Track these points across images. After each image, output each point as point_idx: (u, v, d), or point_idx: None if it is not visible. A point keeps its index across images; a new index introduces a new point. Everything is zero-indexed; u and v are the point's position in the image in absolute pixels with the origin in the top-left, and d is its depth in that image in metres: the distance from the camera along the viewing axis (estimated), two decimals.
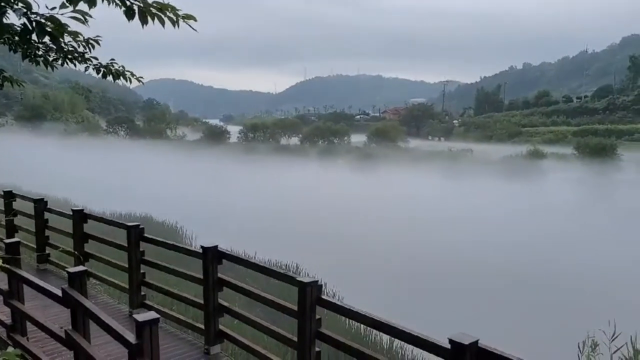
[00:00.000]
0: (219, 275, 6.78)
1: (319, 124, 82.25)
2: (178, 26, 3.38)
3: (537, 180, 41.71)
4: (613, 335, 7.26)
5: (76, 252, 9.25)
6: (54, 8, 3.26)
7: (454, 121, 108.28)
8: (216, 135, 72.09)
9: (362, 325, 9.92)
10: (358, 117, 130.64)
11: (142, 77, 5.44)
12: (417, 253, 19.99)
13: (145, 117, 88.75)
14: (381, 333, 8.92)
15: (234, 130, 77.41)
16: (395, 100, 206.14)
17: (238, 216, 26.10)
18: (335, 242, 21.46)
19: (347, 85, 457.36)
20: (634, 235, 23.57)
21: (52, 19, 3.30)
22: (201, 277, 6.88)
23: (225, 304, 6.93)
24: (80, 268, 5.45)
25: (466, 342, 3.79)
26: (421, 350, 4.45)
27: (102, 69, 5.13)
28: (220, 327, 6.94)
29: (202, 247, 6.81)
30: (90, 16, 3.32)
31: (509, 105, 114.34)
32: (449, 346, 3.91)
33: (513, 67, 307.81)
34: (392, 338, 9.52)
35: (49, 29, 3.32)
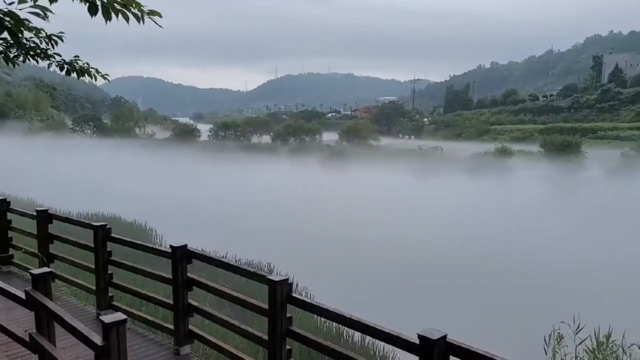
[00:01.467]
0: (189, 274, 6.71)
1: (290, 122, 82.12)
2: (143, 22, 3.32)
3: (504, 178, 42.53)
4: (577, 328, 7.47)
5: (40, 254, 9.03)
6: (12, 3, 3.17)
7: (424, 119, 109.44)
8: (186, 134, 71.29)
9: (334, 323, 9.95)
10: (330, 115, 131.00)
11: (108, 75, 5.34)
12: (388, 250, 20.17)
13: (113, 115, 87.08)
14: (353, 330, 9.04)
15: (204, 128, 76.72)
16: (366, 99, 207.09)
17: (209, 215, 25.88)
18: (308, 241, 21.47)
19: (318, 83, 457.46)
20: (596, 230, 24.27)
21: (10, 14, 3.21)
22: (170, 276, 6.80)
23: (195, 303, 6.87)
24: (45, 269, 5.32)
25: (435, 337, 3.84)
26: (393, 347, 4.49)
27: (65, 66, 5.01)
28: (190, 327, 6.87)
29: (171, 246, 6.73)
30: (51, 12, 3.24)
31: (477, 104, 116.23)
32: (418, 342, 3.95)
33: (481, 66, 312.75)
34: (364, 335, 9.63)
35: (8, 24, 3.22)
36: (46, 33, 4.41)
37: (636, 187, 36.53)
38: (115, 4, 3.21)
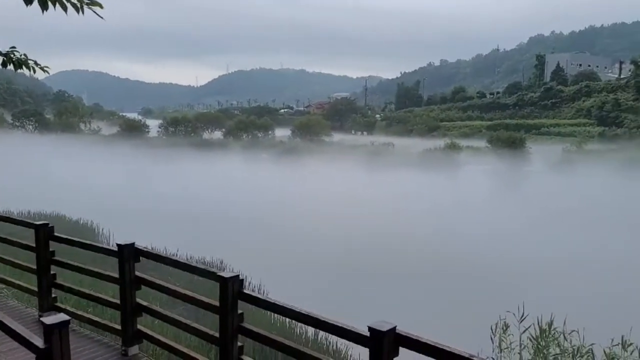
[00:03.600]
0: (137, 273, 6.55)
1: (242, 117, 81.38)
2: (82, 12, 3.19)
3: (453, 172, 43.65)
4: (521, 317, 7.76)
5: None
6: None
7: (376, 116, 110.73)
8: (134, 129, 69.48)
9: (287, 319, 9.96)
10: (282, 111, 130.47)
11: (48, 67, 5.11)
12: (340, 244, 20.32)
13: (56, 110, 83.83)
14: (307, 325, 9.07)
15: (153, 124, 74.97)
16: (319, 95, 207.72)
17: (160, 213, 25.34)
18: (261, 237, 21.39)
19: (270, 79, 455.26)
20: (540, 221, 25.28)
21: None
22: (117, 276, 6.62)
23: (144, 303, 6.71)
24: None
25: (384, 329, 3.90)
26: (346, 341, 4.53)
27: (1, 57, 4.77)
28: (139, 327, 6.71)
29: (117, 244, 6.56)
30: None
31: (427, 101, 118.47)
32: (368, 334, 4.00)
33: (431, 63, 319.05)
34: (317, 330, 9.68)
35: None
36: None
37: (576, 181, 38.34)
38: None
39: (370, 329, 3.98)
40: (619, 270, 17.10)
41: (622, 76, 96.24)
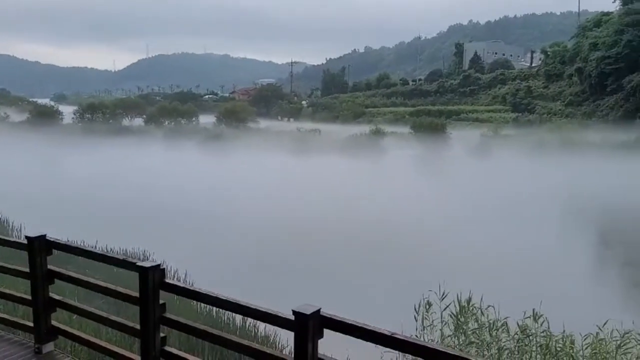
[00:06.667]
0: (49, 267, 6.19)
1: (164, 104, 78.86)
2: None
3: (378, 157, 44.67)
4: (442, 295, 8.09)
5: None
6: None
7: (303, 102, 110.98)
8: (46, 116, 65.30)
9: (214, 307, 9.82)
10: (206, 97, 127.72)
11: None
12: (267, 231, 20.26)
13: None
14: (234, 313, 8.95)
15: (67, 110, 70.96)
16: (244, 81, 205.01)
17: (76, 204, 24.12)
18: (188, 226, 20.91)
19: (193, 64, 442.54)
20: (458, 201, 26.49)
21: None
22: (28, 270, 6.22)
23: (58, 297, 6.36)
24: None
25: (309, 312, 3.91)
26: (274, 327, 4.51)
27: None
28: (54, 322, 6.37)
29: (26, 237, 6.16)
30: None
31: (353, 87, 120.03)
32: (293, 318, 4.00)
33: (356, 50, 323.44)
34: (245, 317, 9.59)
35: None
36: None
37: (491, 164, 40.56)
38: None
39: (294, 312, 3.98)
40: (533, 247, 18.25)
41: (533, 65, 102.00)
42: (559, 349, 7.11)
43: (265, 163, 40.21)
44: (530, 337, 7.36)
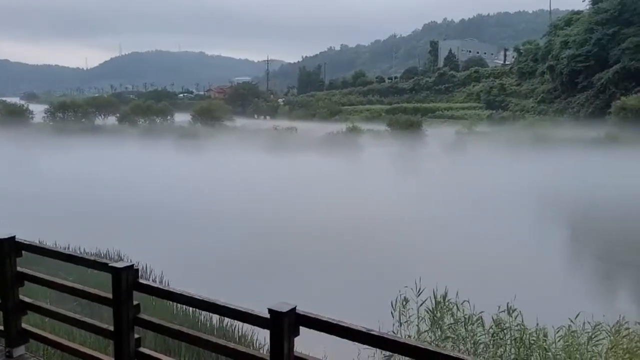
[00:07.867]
0: (19, 268, 6.04)
1: (138, 102, 77.84)
2: None
3: (354, 155, 44.85)
4: (418, 291, 8.15)
5: None
6: None
7: (279, 100, 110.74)
8: (15, 115, 63.87)
9: (190, 308, 9.72)
10: (181, 95, 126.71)
11: None
12: (244, 229, 20.16)
13: None
14: (210, 313, 8.87)
15: (38, 109, 69.48)
16: (219, 79, 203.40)
17: (49, 205, 23.59)
18: (164, 226, 20.65)
19: (168, 62, 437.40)
20: (433, 198, 26.75)
21: None
22: None
23: (29, 300, 6.22)
24: None
25: (284, 310, 3.89)
26: (251, 326, 4.47)
27: None
28: (24, 325, 6.21)
29: None
30: None
31: (329, 85, 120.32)
32: (269, 316, 3.98)
33: (332, 48, 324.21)
34: (222, 317, 9.51)
35: None
36: None
37: (465, 160, 41.14)
38: None
39: (270, 310, 3.96)
40: (507, 242, 18.51)
41: (506, 62, 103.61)
42: (532, 341, 7.23)
43: (241, 161, 39.96)
44: (505, 331, 7.46)
